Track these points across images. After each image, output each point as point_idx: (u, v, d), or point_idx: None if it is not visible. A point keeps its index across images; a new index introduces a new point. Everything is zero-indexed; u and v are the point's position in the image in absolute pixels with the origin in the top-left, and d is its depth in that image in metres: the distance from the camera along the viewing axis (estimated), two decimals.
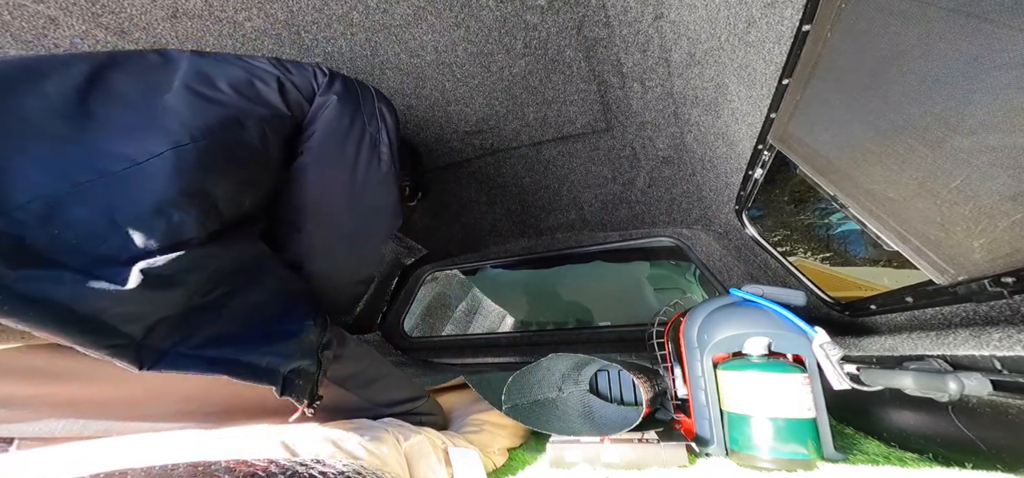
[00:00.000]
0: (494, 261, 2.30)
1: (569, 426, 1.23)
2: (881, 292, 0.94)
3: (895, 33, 0.57)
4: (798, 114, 0.84)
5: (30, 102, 0.64)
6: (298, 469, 0.41)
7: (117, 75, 0.74)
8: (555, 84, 1.25)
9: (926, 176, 0.62)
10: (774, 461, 0.83)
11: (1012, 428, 0.64)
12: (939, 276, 0.71)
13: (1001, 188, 0.53)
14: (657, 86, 1.19)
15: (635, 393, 1.44)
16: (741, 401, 0.90)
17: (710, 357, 1.01)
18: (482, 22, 1.07)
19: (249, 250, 0.83)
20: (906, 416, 0.88)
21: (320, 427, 0.81)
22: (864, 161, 0.74)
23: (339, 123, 0.99)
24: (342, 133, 0.99)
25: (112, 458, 0.67)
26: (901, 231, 0.73)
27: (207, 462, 0.40)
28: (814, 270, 3.63)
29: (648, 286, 3.40)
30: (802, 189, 2.91)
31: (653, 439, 0.96)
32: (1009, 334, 0.60)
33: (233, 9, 1.02)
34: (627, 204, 1.74)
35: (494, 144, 1.53)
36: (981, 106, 0.51)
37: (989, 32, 0.47)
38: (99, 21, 1.01)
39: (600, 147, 1.49)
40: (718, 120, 1.11)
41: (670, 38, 1.02)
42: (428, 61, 1.19)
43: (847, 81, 0.69)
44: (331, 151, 0.98)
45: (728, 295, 1.09)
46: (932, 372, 0.71)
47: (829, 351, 0.88)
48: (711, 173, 1.36)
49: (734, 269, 1.63)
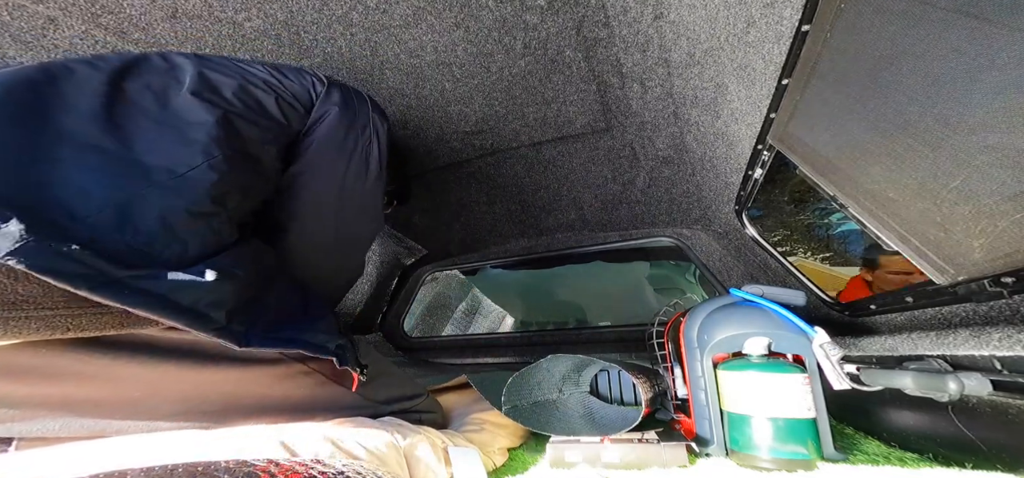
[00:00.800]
0: (494, 261, 2.30)
1: (570, 427, 1.23)
2: (881, 292, 0.94)
3: (895, 33, 0.57)
4: (798, 114, 0.84)
5: (62, 116, 0.67)
6: (298, 469, 0.41)
7: (132, 84, 0.76)
8: (555, 84, 1.25)
9: (926, 176, 0.62)
10: (774, 461, 0.83)
11: (1012, 428, 0.64)
12: (939, 276, 0.71)
13: (1001, 188, 0.53)
14: (657, 86, 1.19)
15: (635, 393, 1.44)
16: (741, 401, 0.90)
17: (710, 357, 1.01)
18: (482, 22, 1.07)
19: (261, 249, 0.91)
20: (906, 416, 0.88)
21: (319, 427, 0.81)
22: (864, 161, 0.74)
23: (335, 136, 1.02)
24: (337, 145, 1.02)
25: (112, 458, 0.67)
26: (901, 231, 0.73)
27: (207, 462, 0.40)
28: (814, 270, 3.64)
29: (648, 286, 3.40)
30: (802, 189, 2.91)
31: (653, 439, 0.96)
32: (1009, 334, 0.60)
33: (233, 10, 1.02)
34: (627, 204, 1.74)
35: (494, 144, 1.53)
36: (981, 106, 0.51)
37: (989, 32, 0.47)
38: (98, 21, 1.01)
39: (600, 147, 1.49)
40: (718, 120, 1.11)
41: (670, 38, 1.02)
42: (428, 61, 1.19)
43: (847, 81, 0.69)
44: (325, 162, 1.01)
45: (728, 295, 1.09)
46: (932, 372, 0.71)
47: (829, 351, 0.87)
48: (711, 173, 1.36)
49: (734, 269, 1.63)
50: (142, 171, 0.69)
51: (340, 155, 1.03)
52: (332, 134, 1.01)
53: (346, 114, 1.03)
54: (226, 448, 0.70)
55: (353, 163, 1.05)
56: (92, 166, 0.66)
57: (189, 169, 0.73)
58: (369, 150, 1.08)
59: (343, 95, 1.06)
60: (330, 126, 1.01)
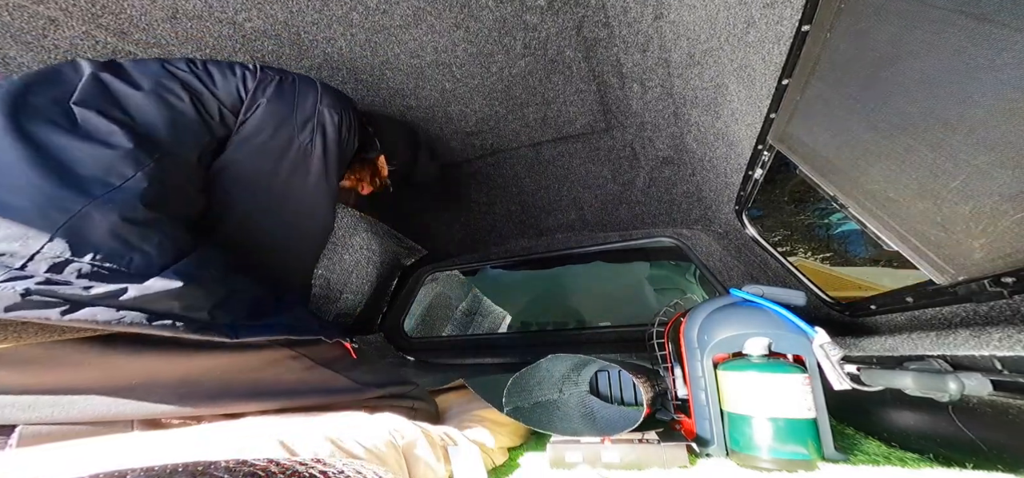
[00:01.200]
0: (494, 261, 2.30)
1: (571, 427, 1.23)
2: (881, 292, 0.94)
3: (894, 33, 0.57)
4: (798, 114, 0.84)
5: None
6: (298, 469, 0.41)
7: (37, 99, 0.77)
8: (555, 84, 1.25)
9: (926, 176, 0.62)
10: (774, 461, 0.83)
11: (1013, 428, 0.64)
12: (939, 276, 0.71)
13: (1001, 188, 0.53)
14: (657, 86, 1.19)
15: (635, 393, 1.44)
16: (741, 401, 0.90)
17: (710, 357, 1.01)
18: (482, 23, 1.07)
19: (223, 249, 0.92)
20: (906, 416, 0.88)
21: (319, 426, 0.81)
22: (864, 161, 0.74)
23: (259, 135, 0.99)
24: (259, 145, 1.00)
25: (112, 458, 0.67)
26: (901, 231, 0.73)
27: (207, 462, 0.40)
28: (814, 270, 3.64)
29: (648, 286, 3.40)
30: (802, 189, 2.91)
31: (653, 439, 0.96)
32: (1009, 334, 0.60)
33: (233, 10, 1.02)
34: (627, 204, 1.74)
35: (494, 144, 1.53)
36: (981, 106, 0.51)
37: (989, 32, 0.47)
38: (99, 22, 1.01)
39: (600, 147, 1.49)
40: (718, 120, 1.11)
41: (670, 38, 1.02)
42: (428, 62, 1.19)
43: (847, 81, 0.69)
44: (247, 159, 0.99)
45: (728, 295, 1.09)
46: (932, 372, 0.71)
47: (829, 351, 0.87)
48: (711, 173, 1.36)
49: (734, 269, 1.63)
50: (83, 187, 0.71)
51: (263, 154, 1.00)
52: (258, 132, 0.99)
53: (277, 110, 1.01)
54: (226, 448, 0.70)
55: (286, 161, 1.02)
56: (26, 196, 0.68)
57: (124, 180, 0.75)
58: (309, 148, 1.04)
59: (278, 89, 1.03)
60: (255, 125, 0.99)
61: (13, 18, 0.97)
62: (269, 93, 1.00)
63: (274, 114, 1.00)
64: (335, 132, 1.08)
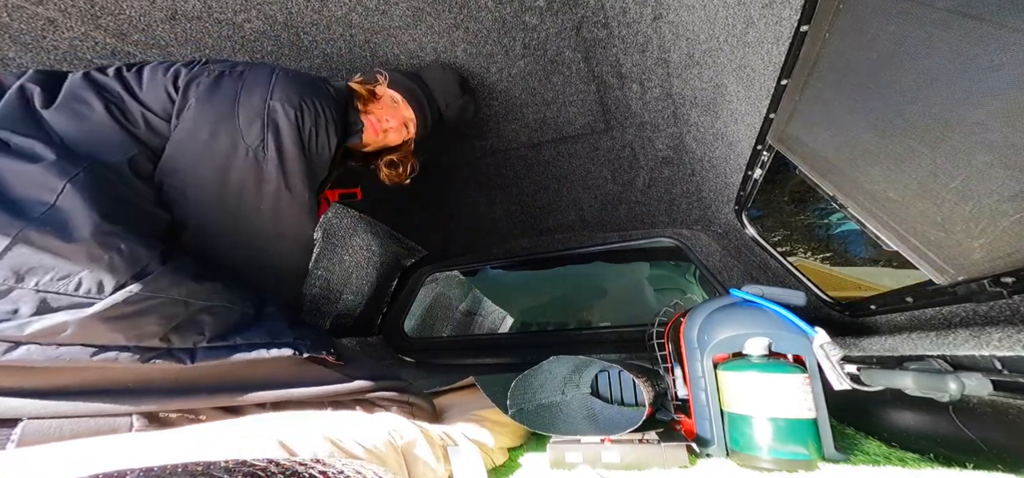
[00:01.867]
0: (494, 262, 2.30)
1: (573, 429, 1.23)
2: (881, 292, 0.94)
3: (893, 33, 0.57)
4: (797, 114, 0.84)
5: None
6: (298, 469, 0.41)
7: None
8: (554, 85, 1.25)
9: (926, 176, 0.62)
10: (775, 461, 0.83)
11: (1013, 428, 0.64)
12: (939, 276, 0.71)
13: (1001, 188, 0.53)
14: (656, 87, 1.19)
15: (636, 393, 1.44)
16: (741, 401, 0.90)
17: (710, 357, 1.01)
18: (481, 23, 1.07)
19: (185, 265, 0.83)
20: (907, 416, 0.88)
21: (318, 427, 0.81)
22: (863, 161, 0.74)
23: (192, 139, 0.87)
24: (199, 149, 0.87)
25: (112, 458, 0.67)
26: (901, 231, 0.73)
27: (207, 462, 0.40)
28: (814, 270, 3.64)
29: (648, 286, 3.41)
30: (802, 189, 2.91)
31: (653, 440, 0.96)
32: (1009, 334, 0.60)
33: (232, 11, 1.02)
34: (627, 204, 1.74)
35: (494, 144, 1.53)
36: (981, 106, 0.51)
37: (989, 32, 0.47)
38: (98, 23, 1.01)
39: (599, 148, 1.49)
40: (717, 121, 1.11)
41: (669, 39, 1.02)
42: (427, 63, 1.19)
43: (846, 81, 0.69)
44: (191, 169, 0.87)
45: (728, 295, 1.09)
46: (932, 372, 0.71)
47: (829, 351, 0.87)
48: (711, 173, 1.36)
49: (734, 269, 1.63)
50: (18, 209, 0.66)
51: (203, 162, 0.87)
52: (188, 135, 0.87)
53: (210, 109, 0.88)
54: (225, 448, 0.70)
55: (234, 170, 0.88)
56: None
57: (56, 195, 0.69)
58: (260, 152, 0.89)
59: (212, 85, 0.89)
60: (186, 128, 0.87)
61: (12, 19, 0.97)
62: (201, 90, 0.87)
63: (207, 113, 0.87)
64: (293, 130, 0.91)
